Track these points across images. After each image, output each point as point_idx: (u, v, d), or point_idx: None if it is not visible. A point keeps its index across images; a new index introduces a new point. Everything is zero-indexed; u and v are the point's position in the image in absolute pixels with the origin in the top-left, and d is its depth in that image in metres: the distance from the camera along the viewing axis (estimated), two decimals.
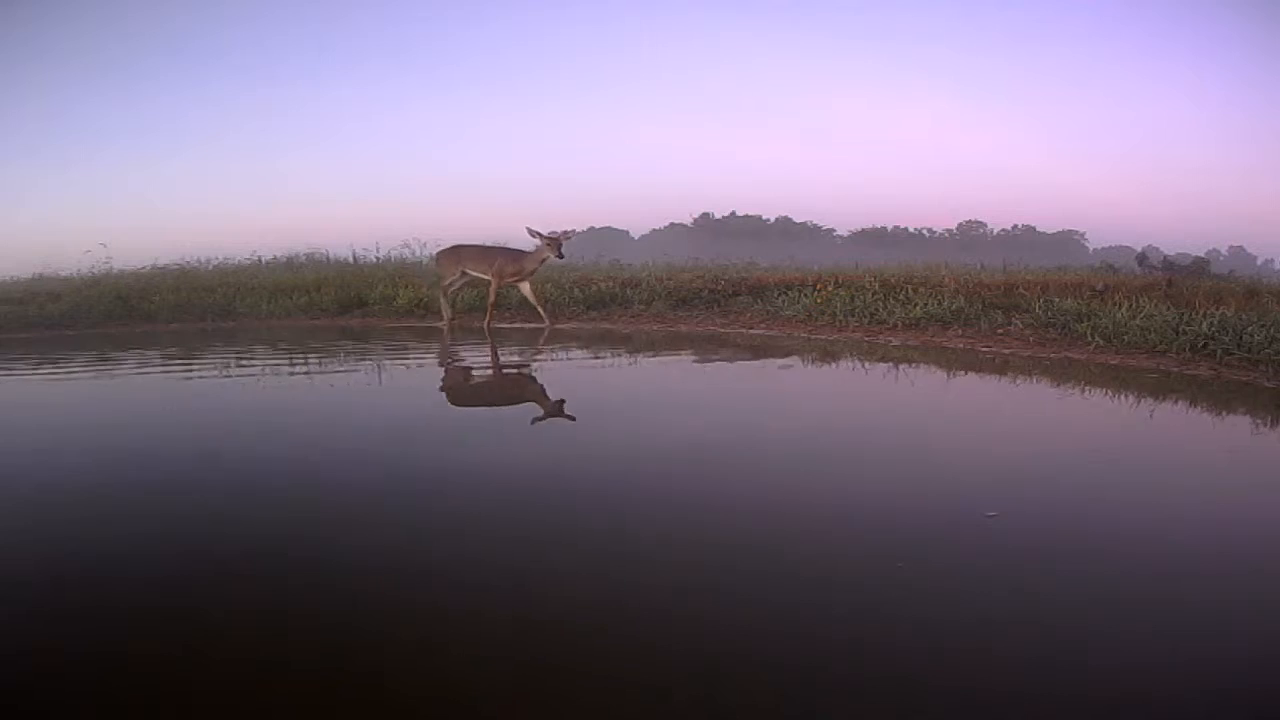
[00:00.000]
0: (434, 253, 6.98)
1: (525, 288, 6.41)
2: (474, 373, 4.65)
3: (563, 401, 3.50)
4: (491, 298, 6.44)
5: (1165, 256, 9.28)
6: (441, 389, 4.08)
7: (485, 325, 6.40)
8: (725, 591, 1.63)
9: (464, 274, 6.65)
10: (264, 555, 1.84)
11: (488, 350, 5.37)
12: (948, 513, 2.10)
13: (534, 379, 4.32)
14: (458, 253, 6.75)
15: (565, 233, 6.14)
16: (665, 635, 1.46)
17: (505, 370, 4.62)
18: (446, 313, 6.80)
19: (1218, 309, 4.70)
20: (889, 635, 1.45)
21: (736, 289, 7.19)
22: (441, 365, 4.89)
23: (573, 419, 3.22)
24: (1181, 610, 1.56)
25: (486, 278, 6.51)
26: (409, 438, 2.96)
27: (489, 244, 6.78)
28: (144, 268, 9.85)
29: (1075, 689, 1.29)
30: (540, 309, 6.51)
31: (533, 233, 6.08)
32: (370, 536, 1.94)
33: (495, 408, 3.73)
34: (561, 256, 6.18)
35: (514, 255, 6.39)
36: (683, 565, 1.76)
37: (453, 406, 3.77)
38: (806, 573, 1.72)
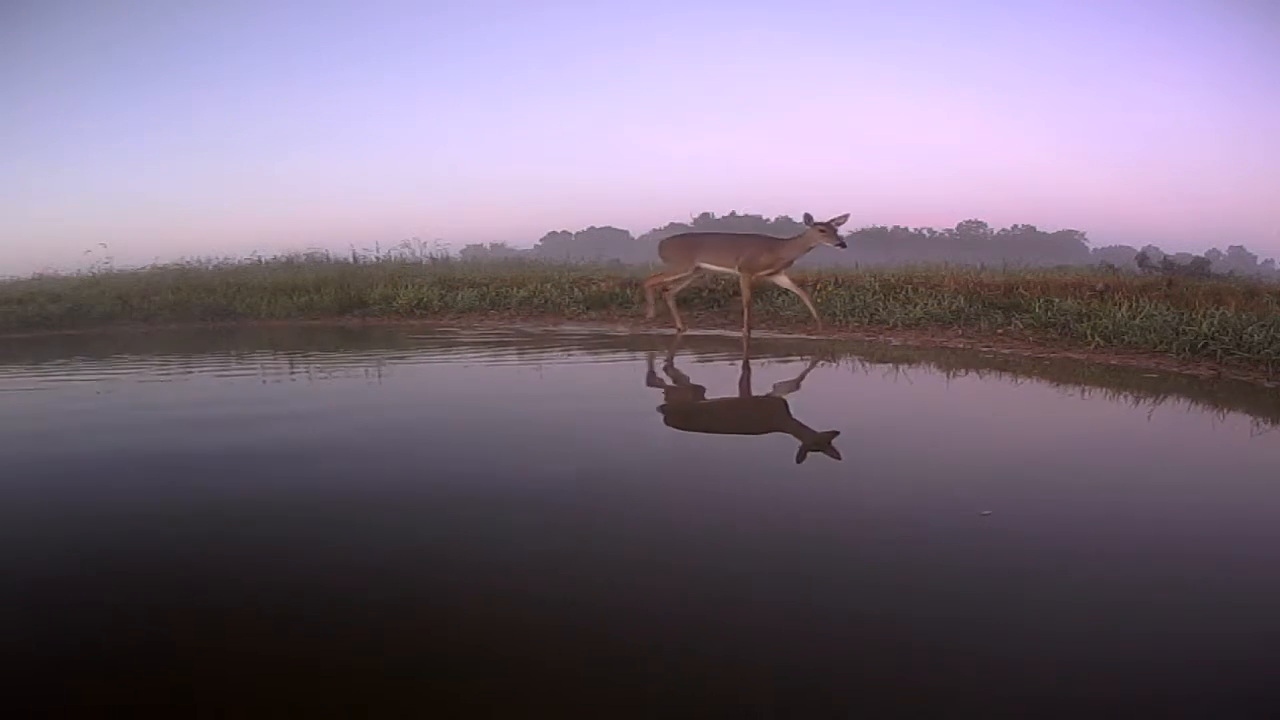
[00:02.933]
0: (660, 244, 5.93)
1: (783, 280, 5.48)
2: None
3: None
4: (747, 296, 5.46)
5: (1165, 256, 9.27)
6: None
7: (744, 334, 5.45)
8: (708, 590, 1.63)
9: (698, 268, 5.61)
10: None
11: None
12: (941, 511, 2.10)
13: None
14: (692, 242, 5.75)
15: (837, 220, 5.03)
16: (657, 635, 1.46)
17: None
18: (672, 312, 5.82)
19: (1218, 309, 4.69)
20: (880, 633, 1.45)
21: (737, 289, 7.19)
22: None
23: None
24: (1179, 610, 1.56)
25: (729, 271, 5.56)
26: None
27: (727, 231, 5.81)
28: (144, 268, 9.89)
29: (1070, 689, 1.28)
30: (810, 304, 5.51)
31: (809, 220, 5.09)
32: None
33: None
34: (844, 245, 5.06)
35: (768, 244, 5.43)
36: (670, 563, 1.76)
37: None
38: (797, 570, 1.73)
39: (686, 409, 3.58)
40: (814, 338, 5.58)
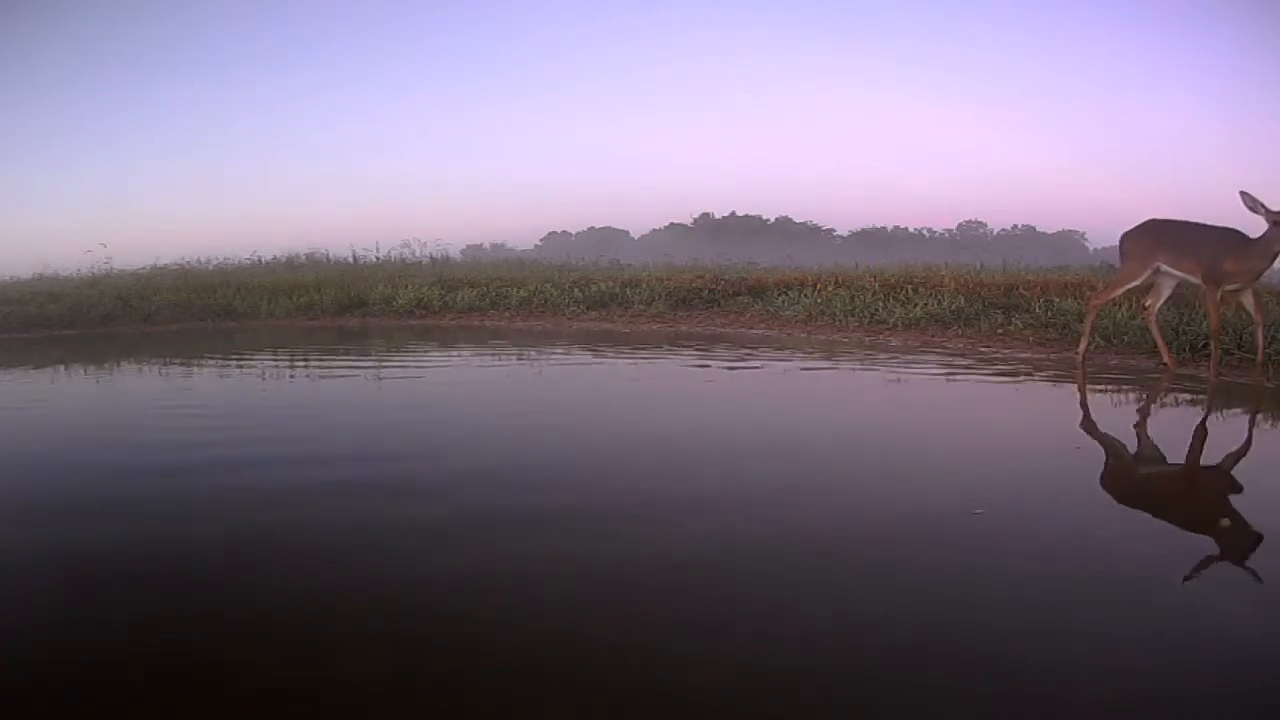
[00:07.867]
0: (1124, 237, 4.24)
1: (1248, 300, 3.86)
2: None
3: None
4: (1215, 320, 3.86)
5: None
6: None
7: (1211, 372, 3.88)
8: (701, 588, 1.63)
9: (1160, 271, 4.04)
10: None
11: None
12: (935, 509, 2.11)
13: None
14: (1162, 233, 4.03)
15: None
16: (653, 629, 1.46)
17: None
18: (1157, 341, 4.22)
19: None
20: (876, 631, 1.45)
21: (736, 289, 7.20)
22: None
23: None
24: (1177, 610, 1.56)
25: (1191, 279, 3.96)
26: None
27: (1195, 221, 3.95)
28: (144, 268, 9.92)
29: (1065, 689, 1.28)
30: (1263, 341, 3.84)
31: (1255, 205, 3.58)
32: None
33: None
34: None
35: (1236, 245, 3.74)
36: (665, 563, 1.76)
37: None
38: (793, 567, 1.73)
39: None
40: (815, 337, 5.55)
